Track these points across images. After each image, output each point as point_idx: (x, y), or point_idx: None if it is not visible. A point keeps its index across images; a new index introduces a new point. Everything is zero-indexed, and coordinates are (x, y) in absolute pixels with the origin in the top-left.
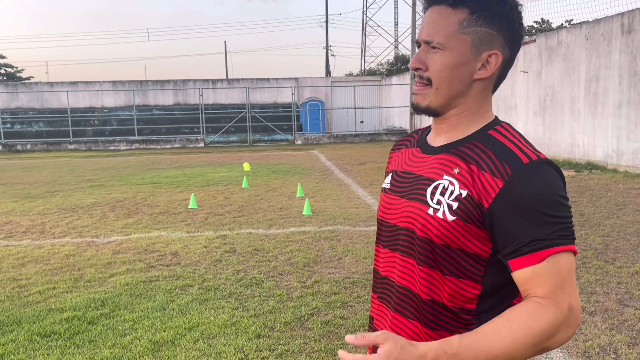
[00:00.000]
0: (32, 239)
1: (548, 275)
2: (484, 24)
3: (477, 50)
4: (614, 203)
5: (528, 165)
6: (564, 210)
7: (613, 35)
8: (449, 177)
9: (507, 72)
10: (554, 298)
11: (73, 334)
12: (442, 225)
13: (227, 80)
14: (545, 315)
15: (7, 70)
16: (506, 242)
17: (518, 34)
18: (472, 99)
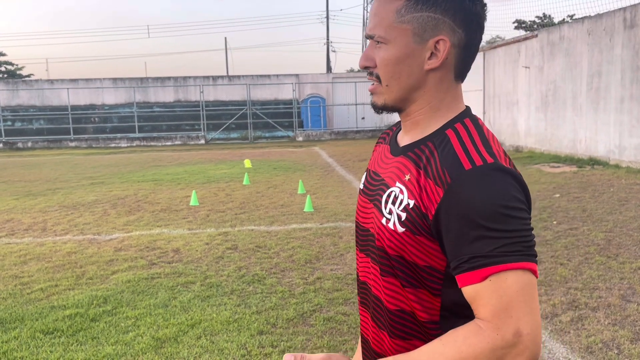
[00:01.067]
0: (33, 237)
1: (490, 297)
2: (424, 8)
3: (420, 38)
4: (617, 199)
5: (469, 172)
6: (511, 223)
7: (615, 30)
8: (400, 184)
9: (469, 57)
10: (495, 322)
11: (75, 331)
12: (394, 237)
13: (228, 77)
14: (481, 341)
15: (7, 67)
16: (451, 256)
17: (471, 12)
18: (430, 92)
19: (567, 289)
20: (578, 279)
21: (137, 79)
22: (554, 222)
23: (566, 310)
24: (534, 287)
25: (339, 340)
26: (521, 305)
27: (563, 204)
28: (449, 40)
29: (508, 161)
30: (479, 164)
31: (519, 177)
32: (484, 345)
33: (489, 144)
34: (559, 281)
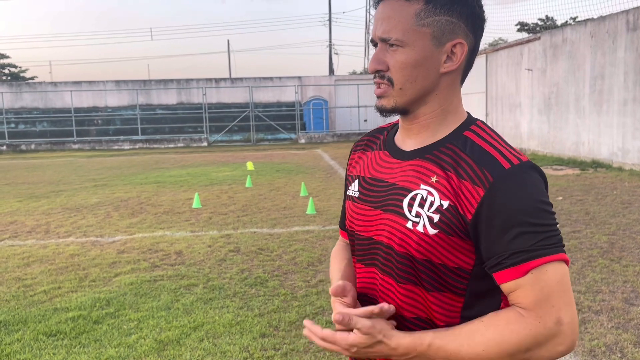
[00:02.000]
0: (36, 239)
1: (532, 289)
2: (443, 12)
3: (439, 41)
4: (620, 201)
5: (510, 171)
6: (547, 218)
7: (618, 33)
8: (426, 186)
9: (473, 61)
10: (537, 311)
11: (78, 333)
12: (423, 240)
13: (231, 80)
14: (524, 328)
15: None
16: (490, 253)
17: (479, 18)
18: (442, 95)
19: None
20: (581, 282)
21: (140, 81)
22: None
23: None
24: (569, 278)
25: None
26: (561, 295)
27: (566, 206)
28: (465, 43)
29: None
30: (516, 162)
31: (544, 173)
32: (527, 332)
33: (508, 143)
34: None
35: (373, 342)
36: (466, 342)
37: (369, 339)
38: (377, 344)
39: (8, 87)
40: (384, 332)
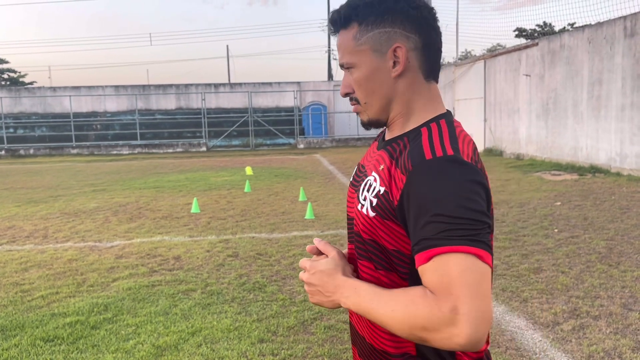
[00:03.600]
0: (35, 244)
1: (433, 275)
2: (374, 27)
3: (380, 52)
4: (618, 207)
5: (429, 161)
6: (459, 211)
7: (616, 39)
8: (375, 173)
9: (432, 55)
10: (437, 295)
11: (76, 338)
12: (367, 221)
13: (230, 85)
14: (425, 306)
15: (10, 75)
16: (411, 238)
17: (417, 17)
18: (404, 96)
19: (569, 298)
20: (579, 287)
21: (139, 86)
22: (555, 230)
23: (568, 318)
24: (479, 273)
25: (339, 348)
26: (462, 287)
27: (564, 211)
28: (404, 45)
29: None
30: (439, 155)
31: (476, 172)
32: (425, 310)
33: (456, 141)
34: (560, 289)
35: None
36: (384, 301)
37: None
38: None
39: (7, 92)
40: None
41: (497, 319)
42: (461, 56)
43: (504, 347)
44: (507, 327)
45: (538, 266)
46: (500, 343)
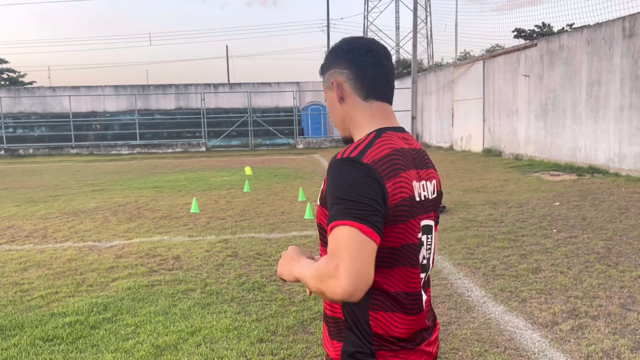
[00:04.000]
0: (34, 244)
1: (330, 242)
2: (325, 72)
3: (329, 88)
4: (617, 207)
5: (335, 161)
6: (349, 197)
7: (614, 39)
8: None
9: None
10: (329, 256)
11: (75, 338)
12: (318, 210)
13: (229, 85)
14: (323, 263)
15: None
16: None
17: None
18: (350, 117)
19: (567, 298)
20: (578, 287)
21: (139, 86)
22: (553, 230)
23: (566, 318)
24: (359, 242)
25: None
26: (344, 250)
27: (563, 212)
28: (337, 78)
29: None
30: (343, 157)
31: (369, 170)
32: (322, 266)
33: (367, 148)
34: (559, 289)
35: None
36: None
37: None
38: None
39: (6, 92)
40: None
41: (496, 319)
42: (460, 57)
43: (502, 347)
44: (505, 327)
45: (537, 266)
46: (499, 343)
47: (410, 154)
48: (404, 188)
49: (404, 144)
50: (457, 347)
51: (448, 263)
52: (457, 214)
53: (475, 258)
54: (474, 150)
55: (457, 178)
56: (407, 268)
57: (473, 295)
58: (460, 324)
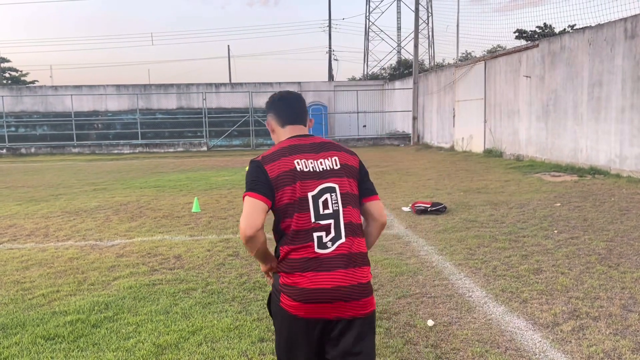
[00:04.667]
0: (35, 242)
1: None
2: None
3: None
4: (618, 208)
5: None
6: (247, 179)
7: (616, 40)
8: None
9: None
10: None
11: (77, 337)
12: None
13: (230, 85)
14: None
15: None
16: None
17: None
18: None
19: (568, 299)
20: (579, 288)
21: (141, 85)
22: (554, 231)
23: (567, 319)
24: (249, 203)
25: None
26: (243, 210)
27: (564, 213)
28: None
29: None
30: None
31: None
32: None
33: (267, 153)
34: (560, 290)
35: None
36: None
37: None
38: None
39: (9, 91)
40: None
41: (497, 319)
42: (461, 57)
43: (503, 347)
44: (506, 327)
45: (538, 267)
46: (500, 343)
47: (302, 146)
48: (283, 165)
49: (297, 142)
50: (458, 347)
51: (449, 263)
52: (458, 214)
53: (476, 259)
54: (474, 151)
55: (458, 179)
56: (300, 213)
57: (474, 296)
58: (461, 324)
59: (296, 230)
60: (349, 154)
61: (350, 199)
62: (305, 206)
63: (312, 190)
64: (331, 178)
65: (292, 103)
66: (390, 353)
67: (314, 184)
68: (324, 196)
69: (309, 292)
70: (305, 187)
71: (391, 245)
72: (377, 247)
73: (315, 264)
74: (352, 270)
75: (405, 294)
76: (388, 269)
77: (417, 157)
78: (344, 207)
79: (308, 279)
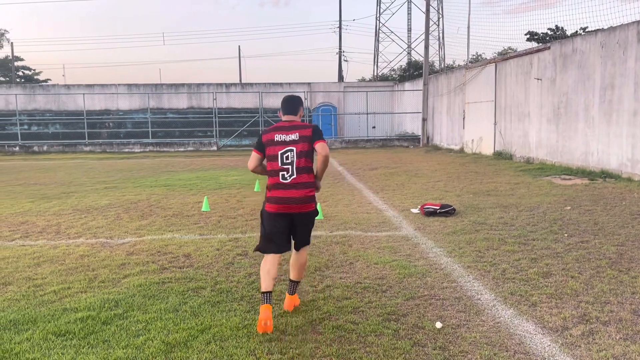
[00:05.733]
0: (47, 239)
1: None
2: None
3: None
4: (629, 212)
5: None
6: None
7: (629, 43)
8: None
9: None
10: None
11: (87, 333)
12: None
13: (241, 85)
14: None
15: (25, 72)
16: None
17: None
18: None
19: (578, 303)
20: (589, 292)
21: (152, 85)
22: (565, 234)
23: (577, 323)
24: (252, 155)
25: (348, 348)
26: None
27: (574, 216)
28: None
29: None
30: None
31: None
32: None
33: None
34: (570, 294)
35: None
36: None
37: None
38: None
39: (22, 89)
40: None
41: (506, 323)
42: (472, 59)
43: (512, 350)
44: (515, 330)
45: (547, 270)
46: (508, 347)
47: (283, 127)
48: (269, 136)
49: (283, 124)
50: (466, 350)
51: (458, 266)
52: (467, 216)
53: (485, 261)
54: (484, 153)
55: (467, 181)
56: (273, 162)
57: (483, 299)
58: (469, 327)
59: (271, 170)
60: (305, 129)
61: (303, 155)
62: (276, 158)
63: (280, 150)
64: (292, 144)
65: (289, 102)
66: (398, 355)
67: (281, 147)
68: (287, 154)
69: (277, 199)
70: (276, 149)
71: (400, 247)
72: (386, 248)
73: (281, 186)
74: (300, 190)
75: (413, 296)
76: (396, 270)
77: (427, 159)
78: (297, 158)
79: (277, 193)
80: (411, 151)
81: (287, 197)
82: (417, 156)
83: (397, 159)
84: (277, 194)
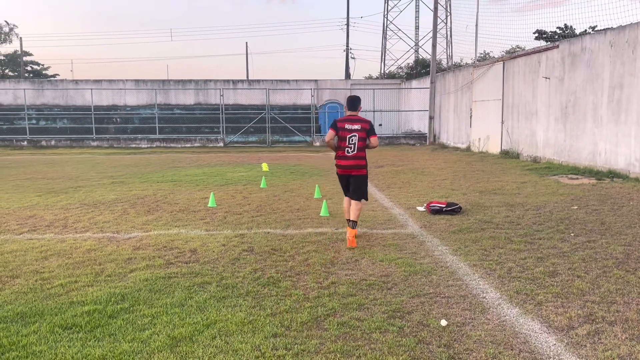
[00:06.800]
0: (55, 233)
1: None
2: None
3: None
4: (636, 212)
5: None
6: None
7: (638, 42)
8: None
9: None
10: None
11: (94, 327)
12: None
13: (248, 81)
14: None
15: (33, 67)
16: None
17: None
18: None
19: (584, 302)
20: (596, 292)
21: (159, 81)
22: (571, 234)
23: (583, 323)
24: (329, 132)
25: (352, 345)
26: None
27: (581, 216)
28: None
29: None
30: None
31: (334, 120)
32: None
33: (340, 118)
34: (576, 294)
35: None
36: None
37: None
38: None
39: (30, 84)
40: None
41: (511, 321)
42: (480, 57)
43: (517, 349)
44: (520, 329)
45: (553, 270)
46: (513, 345)
47: (349, 120)
48: (342, 124)
49: (350, 117)
50: (471, 348)
51: (463, 264)
52: (474, 215)
53: (490, 260)
54: (491, 152)
55: (473, 179)
56: (342, 142)
57: (488, 297)
58: (474, 325)
59: (340, 146)
60: (365, 123)
61: (361, 139)
62: (345, 139)
63: (348, 135)
64: (355, 132)
65: (353, 102)
66: (403, 352)
67: (348, 133)
68: (352, 138)
69: (341, 166)
70: (345, 133)
71: (405, 244)
72: (392, 245)
73: (344, 157)
74: (356, 160)
75: (418, 293)
76: (402, 267)
77: (433, 157)
78: (358, 142)
79: (342, 162)
80: (417, 149)
81: (348, 165)
82: (424, 154)
83: (404, 156)
84: (342, 163)
